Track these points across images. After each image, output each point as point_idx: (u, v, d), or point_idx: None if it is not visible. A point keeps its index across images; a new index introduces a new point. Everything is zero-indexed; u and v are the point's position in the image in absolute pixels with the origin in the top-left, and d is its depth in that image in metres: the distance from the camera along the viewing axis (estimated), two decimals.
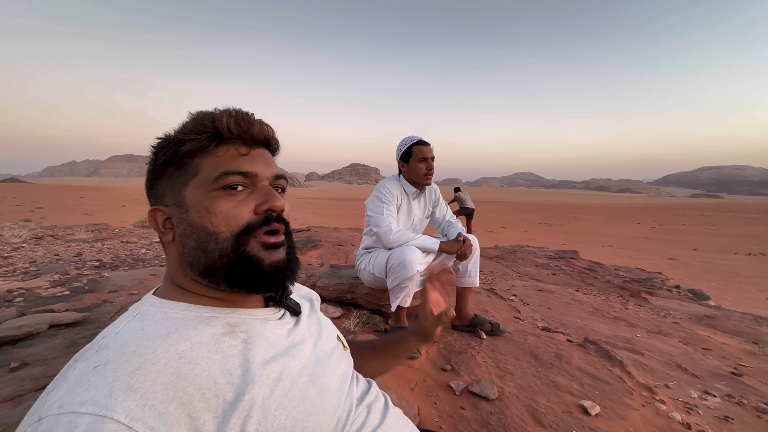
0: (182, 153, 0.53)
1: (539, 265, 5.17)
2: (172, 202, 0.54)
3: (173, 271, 0.56)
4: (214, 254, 0.52)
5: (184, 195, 0.53)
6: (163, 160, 0.54)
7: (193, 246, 0.52)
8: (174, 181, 0.54)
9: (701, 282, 9.64)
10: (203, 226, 0.51)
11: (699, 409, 1.56)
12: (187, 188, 0.53)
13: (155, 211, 0.55)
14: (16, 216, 15.24)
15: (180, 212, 0.53)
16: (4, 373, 1.32)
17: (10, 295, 2.45)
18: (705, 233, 26.67)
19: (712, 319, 3.13)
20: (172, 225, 0.54)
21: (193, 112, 0.56)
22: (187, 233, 0.52)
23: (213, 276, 0.53)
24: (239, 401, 0.44)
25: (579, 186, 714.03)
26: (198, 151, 0.53)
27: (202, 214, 0.51)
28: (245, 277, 0.53)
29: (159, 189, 0.55)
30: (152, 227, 0.55)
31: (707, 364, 2.02)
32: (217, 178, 0.52)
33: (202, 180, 0.52)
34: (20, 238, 5.41)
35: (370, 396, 0.68)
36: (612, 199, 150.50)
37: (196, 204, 0.52)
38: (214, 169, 0.52)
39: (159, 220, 0.55)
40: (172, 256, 0.56)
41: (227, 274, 0.52)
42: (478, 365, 1.75)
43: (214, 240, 0.51)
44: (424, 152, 2.00)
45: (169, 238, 0.54)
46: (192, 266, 0.53)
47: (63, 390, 0.38)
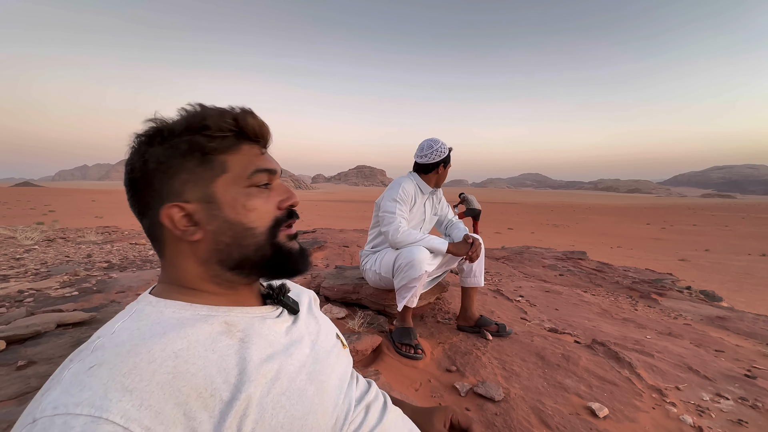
0: (209, 149, 0.52)
1: (546, 266, 5.12)
2: (196, 198, 0.52)
3: (185, 269, 0.54)
4: (250, 248, 0.54)
5: (213, 191, 0.52)
6: (177, 152, 0.52)
7: (227, 242, 0.53)
8: (197, 176, 0.52)
9: (713, 283, 9.45)
10: (240, 222, 0.53)
11: (711, 412, 1.52)
12: (215, 185, 0.53)
13: (172, 208, 0.51)
14: (29, 219, 15.55)
15: (210, 209, 0.52)
16: (11, 371, 1.34)
17: (20, 295, 2.50)
18: (717, 234, 26.19)
19: (724, 320, 3.06)
20: (194, 222, 0.52)
21: (194, 104, 0.54)
22: (222, 229, 0.53)
23: (245, 268, 0.55)
24: (235, 400, 0.44)
25: (587, 186, 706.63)
26: (226, 149, 0.54)
27: (239, 211, 0.53)
28: (281, 266, 0.58)
29: (175, 184, 0.52)
30: (165, 225, 0.51)
31: (720, 366, 1.97)
32: (251, 175, 0.54)
33: (233, 177, 0.54)
34: (32, 240, 5.51)
35: (369, 396, 0.68)
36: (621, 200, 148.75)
37: (231, 201, 0.53)
38: (244, 167, 0.54)
39: (176, 217, 0.51)
40: (188, 254, 0.54)
41: (263, 265, 0.56)
42: (484, 366, 1.73)
43: (251, 234, 0.54)
44: (450, 160, 2.09)
45: (197, 237, 0.52)
46: (222, 261, 0.54)
47: (57, 391, 0.38)
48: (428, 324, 2.23)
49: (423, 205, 2.13)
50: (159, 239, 0.55)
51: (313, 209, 42.38)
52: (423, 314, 2.37)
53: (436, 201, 2.24)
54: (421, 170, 2.09)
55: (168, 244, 0.54)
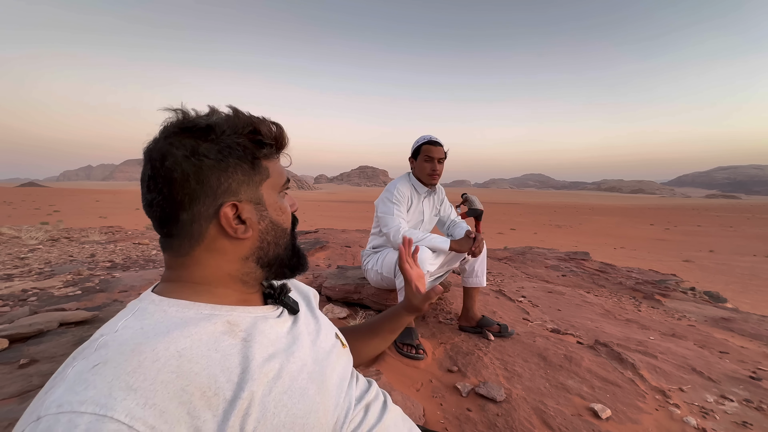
0: (261, 155, 0.56)
1: (549, 267, 5.10)
2: (248, 198, 0.55)
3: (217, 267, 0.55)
4: (282, 247, 0.61)
5: (261, 194, 0.57)
6: (233, 153, 0.53)
7: (270, 240, 0.58)
8: (250, 178, 0.55)
9: (718, 284, 9.39)
10: (280, 223, 0.60)
11: (715, 413, 1.51)
12: (262, 188, 0.57)
13: (229, 206, 0.53)
14: (34, 219, 15.67)
15: (260, 209, 0.56)
16: (13, 369, 1.35)
17: (24, 294, 2.51)
18: (722, 234, 26.02)
19: (729, 321, 3.04)
20: (243, 221, 0.55)
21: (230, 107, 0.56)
22: (268, 229, 0.58)
23: (273, 265, 0.60)
24: (238, 398, 0.44)
25: (590, 187, 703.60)
26: (269, 156, 0.58)
27: (278, 213, 0.59)
28: (297, 263, 0.64)
29: (233, 183, 0.53)
30: (221, 222, 0.52)
31: (724, 368, 1.95)
32: (285, 183, 0.61)
33: (273, 183, 0.58)
34: (37, 240, 5.55)
35: (369, 395, 0.68)
36: (624, 200, 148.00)
37: (273, 204, 0.59)
38: (279, 175, 0.60)
39: (230, 215, 0.53)
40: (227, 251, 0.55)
41: (287, 261, 0.62)
42: (486, 367, 1.72)
43: (284, 234, 0.61)
44: (432, 152, 1.98)
45: (248, 234, 0.55)
46: (260, 259, 0.58)
47: (62, 389, 0.38)
48: (430, 324, 2.22)
49: (421, 205, 2.11)
50: (195, 236, 0.53)
51: (315, 209, 42.44)
52: (425, 314, 2.36)
53: (436, 202, 2.23)
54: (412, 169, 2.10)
55: (206, 240, 0.53)
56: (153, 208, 0.52)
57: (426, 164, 2.00)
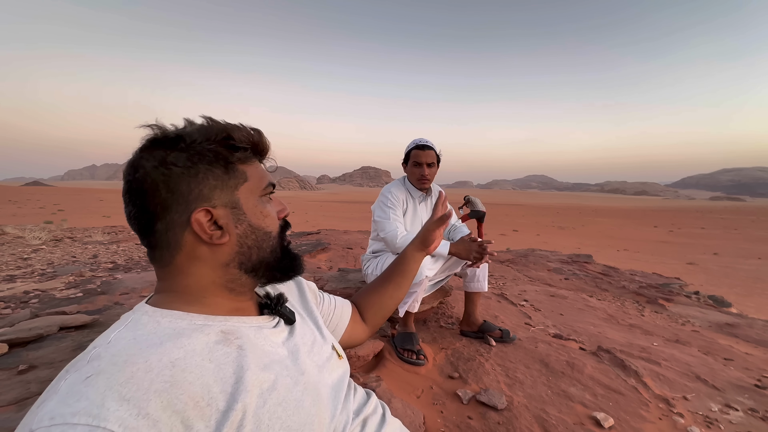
0: (234, 159, 0.56)
1: (552, 270, 5.07)
2: (222, 203, 0.54)
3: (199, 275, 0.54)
4: (267, 250, 0.59)
5: (237, 198, 0.56)
6: (204, 159, 0.53)
7: (250, 245, 0.57)
8: (223, 183, 0.55)
9: (722, 288, 9.32)
10: (261, 227, 0.58)
11: (720, 423, 1.49)
12: (239, 192, 0.56)
13: (202, 212, 0.52)
14: (38, 218, 15.77)
15: (236, 213, 0.56)
16: (12, 375, 1.34)
17: (26, 296, 2.52)
18: (726, 237, 25.83)
19: (733, 327, 3.01)
20: (220, 227, 0.54)
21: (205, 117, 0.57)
22: (246, 233, 0.56)
23: (259, 270, 0.59)
24: (231, 410, 0.43)
25: (593, 189, 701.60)
26: (245, 160, 0.58)
27: (258, 217, 0.58)
28: (289, 266, 0.63)
29: (204, 189, 0.53)
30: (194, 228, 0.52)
31: (729, 376, 1.93)
32: (266, 186, 0.60)
33: (252, 186, 0.58)
34: (40, 240, 5.57)
35: (368, 409, 0.67)
36: (628, 202, 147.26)
37: (252, 207, 0.58)
38: (260, 179, 0.59)
39: (204, 222, 0.52)
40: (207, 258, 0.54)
41: (275, 266, 0.61)
42: (487, 373, 1.71)
43: (268, 238, 0.59)
44: (419, 157, 1.96)
45: (224, 240, 0.54)
46: (242, 264, 0.57)
47: (54, 402, 0.37)
48: (431, 329, 2.21)
49: (416, 209, 2.10)
50: (173, 244, 0.53)
51: (317, 210, 42.50)
52: (426, 319, 2.35)
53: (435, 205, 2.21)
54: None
55: (184, 248, 0.53)
56: (132, 220, 0.53)
57: (415, 169, 1.99)
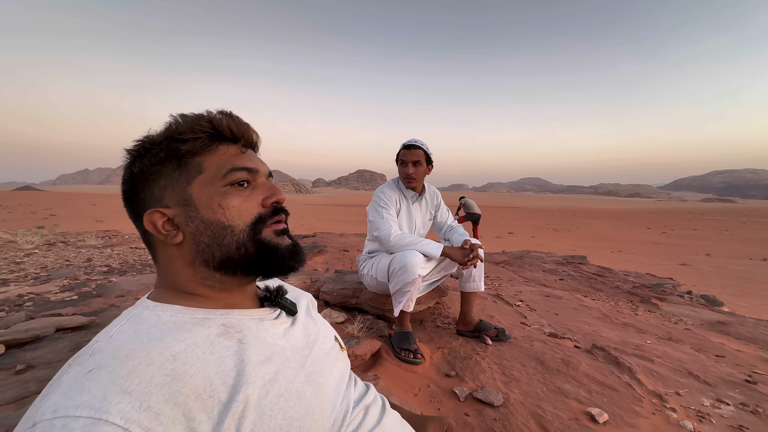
0: (183, 152, 0.54)
1: (547, 271, 5.11)
2: (175, 202, 0.53)
3: (177, 273, 0.55)
4: (231, 246, 0.54)
5: (190, 193, 0.53)
6: (156, 160, 0.54)
7: (207, 242, 0.54)
8: (174, 181, 0.53)
9: (715, 288, 9.43)
10: (217, 221, 0.54)
11: (712, 417, 1.51)
12: (192, 186, 0.53)
13: (154, 213, 0.53)
14: (30, 223, 15.57)
15: (188, 211, 0.53)
16: (9, 375, 1.34)
17: (20, 299, 2.50)
18: (718, 238, 26.13)
19: (725, 325, 3.05)
20: (176, 226, 0.53)
21: (175, 114, 0.56)
22: (200, 230, 0.53)
23: (230, 267, 0.55)
24: (233, 401, 0.44)
25: (587, 191, 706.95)
26: (200, 150, 0.55)
27: (215, 210, 0.53)
28: (265, 263, 0.57)
29: (155, 190, 0.54)
30: (150, 231, 0.53)
31: (720, 372, 1.96)
32: (226, 174, 0.54)
33: (209, 177, 0.54)
34: (33, 244, 5.51)
35: (368, 398, 0.68)
36: (621, 204, 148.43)
37: (207, 201, 0.53)
38: (220, 166, 0.55)
39: (158, 223, 0.53)
40: (177, 259, 0.55)
41: (246, 263, 0.55)
42: (483, 371, 1.73)
43: (230, 233, 0.54)
44: (405, 156, 2.01)
45: (179, 239, 0.53)
46: (207, 262, 0.54)
47: (57, 395, 0.38)
48: (428, 328, 2.22)
49: (410, 209, 2.12)
50: (150, 245, 0.56)
51: (313, 213, 42.39)
52: (422, 319, 2.36)
53: (430, 206, 2.23)
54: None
55: (158, 249, 0.56)
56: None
57: (402, 168, 2.04)
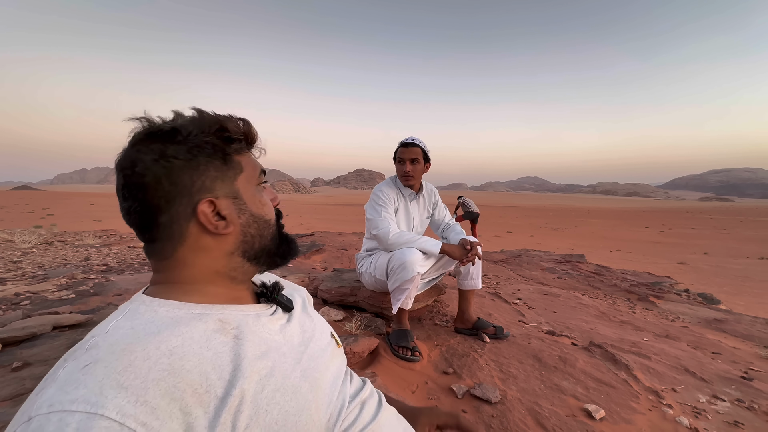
0: (231, 150, 0.57)
1: (545, 269, 5.12)
2: (224, 194, 0.55)
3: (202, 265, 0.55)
4: (268, 238, 0.61)
5: (237, 188, 0.57)
6: (203, 152, 0.54)
7: (253, 233, 0.59)
8: (224, 174, 0.56)
9: (712, 286, 9.47)
10: (261, 215, 0.60)
11: (707, 413, 1.52)
12: (237, 182, 0.57)
13: (206, 203, 0.53)
14: (27, 222, 15.51)
15: (238, 203, 0.57)
16: (6, 372, 1.34)
17: (17, 298, 2.49)
18: (716, 237, 26.23)
19: (722, 323, 3.07)
20: (222, 217, 0.55)
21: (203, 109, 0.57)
22: (249, 222, 0.58)
23: (261, 257, 0.61)
24: (229, 396, 0.44)
25: (586, 190, 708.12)
26: (240, 150, 0.59)
27: (258, 206, 0.60)
28: (287, 251, 0.65)
29: (206, 180, 0.54)
30: (200, 219, 0.53)
31: (716, 369, 1.97)
32: (259, 175, 0.62)
33: (248, 176, 0.59)
34: (30, 243, 5.49)
35: (364, 393, 0.68)
36: (619, 203, 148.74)
37: (251, 197, 0.59)
38: (254, 168, 0.61)
39: (209, 212, 0.53)
40: (211, 248, 0.55)
41: (276, 252, 0.63)
42: (481, 368, 1.73)
43: (268, 226, 0.61)
44: (402, 153, 2.02)
45: (229, 230, 0.56)
46: (245, 252, 0.59)
47: (53, 389, 0.38)
48: (426, 326, 2.23)
49: (408, 207, 2.12)
50: (176, 236, 0.53)
51: (312, 213, 42.34)
52: (421, 317, 2.37)
53: (427, 204, 2.23)
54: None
55: (188, 240, 0.54)
56: (131, 215, 0.53)
57: (399, 166, 2.04)
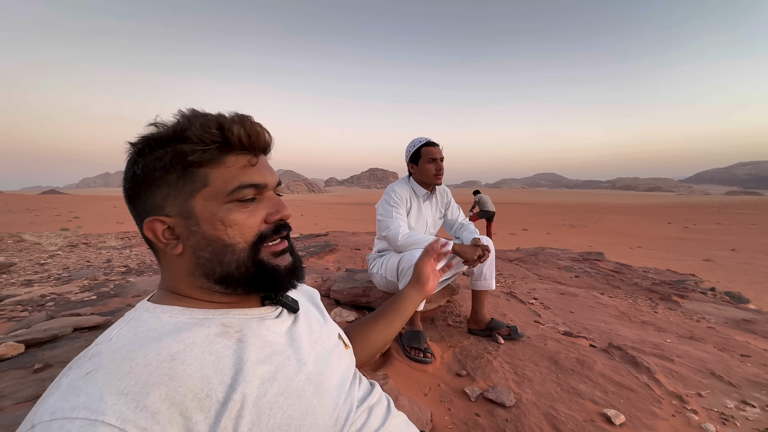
0: (189, 162, 0.50)
1: (562, 268, 5.00)
2: (176, 212, 0.51)
3: (178, 280, 0.54)
4: (231, 265, 0.53)
5: (192, 206, 0.51)
6: (160, 165, 0.50)
7: (208, 258, 0.52)
8: (178, 191, 0.51)
9: (740, 284, 9.06)
10: (218, 238, 0.51)
11: (736, 420, 1.45)
12: (195, 199, 0.51)
13: (154, 221, 0.51)
14: (55, 225, 16.15)
15: (189, 224, 0.51)
16: (28, 374, 1.39)
17: (42, 299, 2.59)
18: (744, 233, 25.11)
19: (751, 323, 2.93)
20: (176, 236, 0.52)
21: (185, 111, 0.52)
22: (200, 245, 0.52)
23: (230, 283, 0.54)
24: (229, 400, 0.44)
25: (605, 185, 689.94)
26: (207, 162, 0.51)
27: (217, 227, 0.51)
28: (265, 283, 0.56)
29: (157, 198, 0.51)
30: (149, 238, 0.52)
31: (745, 372, 1.88)
32: (232, 191, 0.51)
33: (213, 192, 0.51)
34: (56, 246, 5.71)
35: (372, 398, 0.67)
36: (640, 199, 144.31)
37: (209, 216, 0.51)
38: (226, 181, 0.51)
39: (158, 231, 0.51)
40: (177, 266, 0.54)
41: (246, 281, 0.54)
42: (495, 371, 1.70)
43: (231, 251, 0.52)
44: (433, 153, 1.98)
45: (178, 251, 0.52)
46: (207, 276, 0.53)
47: (55, 397, 0.39)
48: (439, 327, 2.20)
49: (421, 207, 2.09)
50: (152, 248, 0.55)
51: (326, 212, 42.67)
52: (434, 317, 2.34)
53: (440, 204, 2.21)
54: (409, 173, 2.11)
55: (158, 253, 0.55)
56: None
57: (430, 165, 2.00)
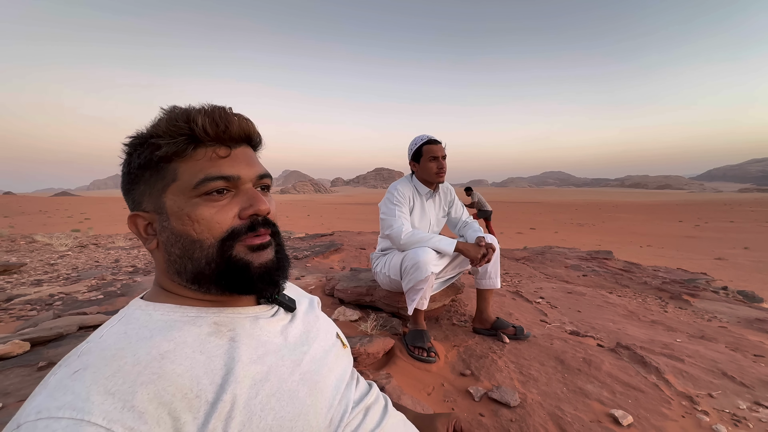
0: (158, 158, 0.50)
1: (569, 267, 4.94)
2: (151, 208, 0.52)
3: (160, 276, 0.55)
4: (201, 261, 0.51)
5: (163, 202, 0.51)
6: (138, 163, 0.51)
7: (179, 254, 0.51)
8: (151, 187, 0.51)
9: (754, 283, 8.87)
10: (187, 233, 0.50)
11: (749, 421, 1.41)
12: (166, 195, 0.51)
13: (135, 217, 0.52)
14: (66, 226, 16.44)
15: (161, 219, 0.51)
16: (32, 372, 1.40)
17: (51, 299, 2.62)
18: (757, 230, 24.60)
19: (765, 323, 2.85)
20: (155, 231, 0.53)
21: (166, 107, 0.53)
22: (171, 241, 0.51)
23: (202, 282, 0.52)
24: (219, 401, 0.43)
25: (613, 183, 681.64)
26: (175, 156, 0.50)
27: (185, 222, 0.50)
28: (235, 281, 0.53)
29: (137, 194, 0.53)
30: (134, 233, 0.53)
31: (759, 372, 1.83)
32: (197, 184, 0.50)
33: (181, 186, 0.50)
34: (66, 246, 5.80)
35: (369, 398, 0.66)
36: (650, 197, 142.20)
37: (178, 211, 0.50)
38: (193, 174, 0.50)
39: (140, 226, 0.53)
40: (158, 262, 0.55)
41: (217, 279, 0.52)
42: (500, 370, 1.67)
43: (199, 247, 0.51)
44: (435, 151, 1.96)
45: (153, 246, 0.53)
46: (179, 273, 0.52)
47: (42, 396, 0.38)
48: (443, 326, 2.18)
49: (424, 206, 2.08)
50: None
51: (332, 212, 42.82)
52: (438, 316, 2.32)
53: (443, 202, 2.19)
54: (412, 172, 2.10)
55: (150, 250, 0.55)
56: None
57: (431, 164, 1.98)
